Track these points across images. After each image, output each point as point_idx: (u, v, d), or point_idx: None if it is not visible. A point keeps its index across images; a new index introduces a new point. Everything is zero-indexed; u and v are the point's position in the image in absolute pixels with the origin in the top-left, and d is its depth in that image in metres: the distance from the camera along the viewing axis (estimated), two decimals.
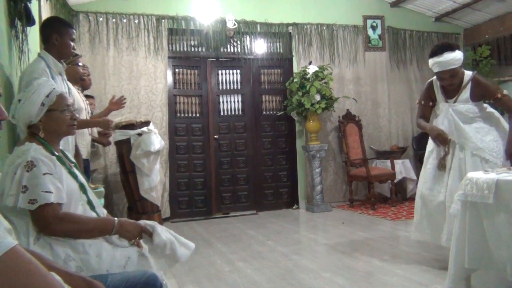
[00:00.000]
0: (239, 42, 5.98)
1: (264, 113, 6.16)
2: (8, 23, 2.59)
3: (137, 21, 5.43)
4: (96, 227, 1.64)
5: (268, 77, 6.22)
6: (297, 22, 6.11)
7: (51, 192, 1.54)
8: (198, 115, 5.85)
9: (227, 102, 6.02)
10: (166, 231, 1.73)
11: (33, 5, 2.98)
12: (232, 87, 6.06)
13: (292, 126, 6.17)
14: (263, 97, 6.18)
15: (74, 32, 2.70)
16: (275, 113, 6.14)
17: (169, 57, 5.63)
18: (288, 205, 6.15)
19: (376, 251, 3.62)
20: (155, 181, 4.46)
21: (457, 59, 2.84)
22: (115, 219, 1.70)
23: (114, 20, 5.34)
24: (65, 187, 1.62)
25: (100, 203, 1.90)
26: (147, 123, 4.55)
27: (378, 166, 6.06)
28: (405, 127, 6.63)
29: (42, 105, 1.68)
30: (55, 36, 2.57)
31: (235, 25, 5.73)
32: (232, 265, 3.40)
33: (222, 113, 5.98)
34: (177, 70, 5.79)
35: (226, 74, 6.04)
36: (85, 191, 1.76)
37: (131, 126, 4.46)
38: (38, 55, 2.60)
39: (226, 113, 5.99)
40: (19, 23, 2.72)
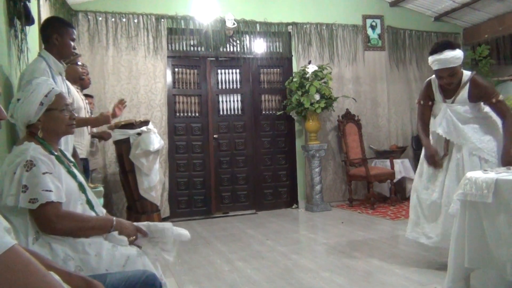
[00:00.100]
0: (238, 41, 5.97)
1: (263, 112, 6.16)
2: (7, 23, 2.58)
3: (136, 21, 5.42)
4: (96, 225, 1.66)
5: (267, 77, 6.21)
6: (296, 21, 6.11)
7: (51, 190, 1.54)
8: (197, 115, 5.85)
9: (227, 101, 6.02)
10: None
11: (32, 5, 2.97)
12: (231, 87, 6.06)
13: (291, 125, 6.17)
14: (263, 96, 6.17)
15: (74, 32, 2.70)
16: (274, 112, 6.14)
17: (169, 57, 5.63)
18: (287, 205, 6.15)
19: (375, 250, 3.63)
20: (155, 180, 4.45)
21: (457, 58, 2.83)
22: (113, 217, 1.75)
23: (113, 19, 5.34)
24: (64, 187, 1.62)
25: (99, 202, 1.91)
26: (146, 123, 4.54)
27: (377, 165, 6.06)
28: (404, 126, 6.63)
29: (41, 104, 1.68)
30: (55, 36, 2.56)
31: (234, 24, 5.73)
32: (231, 265, 3.41)
33: (221, 113, 5.98)
34: (177, 69, 5.78)
35: (225, 73, 6.03)
36: (84, 190, 1.76)
37: (131, 125, 4.45)
38: (38, 55, 2.60)
39: (225, 113, 5.99)
40: (18, 23, 2.71)
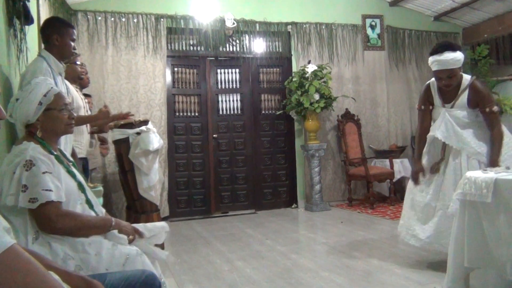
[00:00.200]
0: (238, 41, 5.97)
1: (263, 112, 6.16)
2: (6, 22, 2.58)
3: (136, 20, 5.42)
4: (95, 225, 1.67)
5: (267, 76, 6.21)
6: (296, 21, 6.11)
7: (51, 190, 1.54)
8: (197, 114, 5.85)
9: (226, 101, 6.02)
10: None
11: (32, 4, 2.97)
12: (231, 86, 6.05)
13: (291, 125, 6.17)
14: (262, 96, 6.17)
15: (74, 32, 2.70)
16: (274, 112, 6.14)
17: (168, 56, 5.62)
18: (287, 204, 6.15)
19: (375, 250, 3.63)
20: (154, 180, 4.44)
21: (457, 60, 2.82)
22: (112, 217, 1.76)
23: (112, 19, 5.33)
24: (63, 186, 1.63)
25: (99, 202, 1.91)
26: (145, 122, 4.53)
27: (377, 165, 6.07)
28: (404, 126, 6.63)
29: (39, 104, 1.68)
30: (56, 36, 2.56)
31: (234, 24, 5.72)
32: (231, 264, 3.41)
33: (221, 112, 5.97)
34: (176, 69, 5.78)
35: (225, 73, 6.03)
36: (83, 190, 1.76)
37: (130, 125, 4.44)
38: (38, 54, 2.59)
39: (225, 112, 5.99)
40: (17, 22, 2.71)
